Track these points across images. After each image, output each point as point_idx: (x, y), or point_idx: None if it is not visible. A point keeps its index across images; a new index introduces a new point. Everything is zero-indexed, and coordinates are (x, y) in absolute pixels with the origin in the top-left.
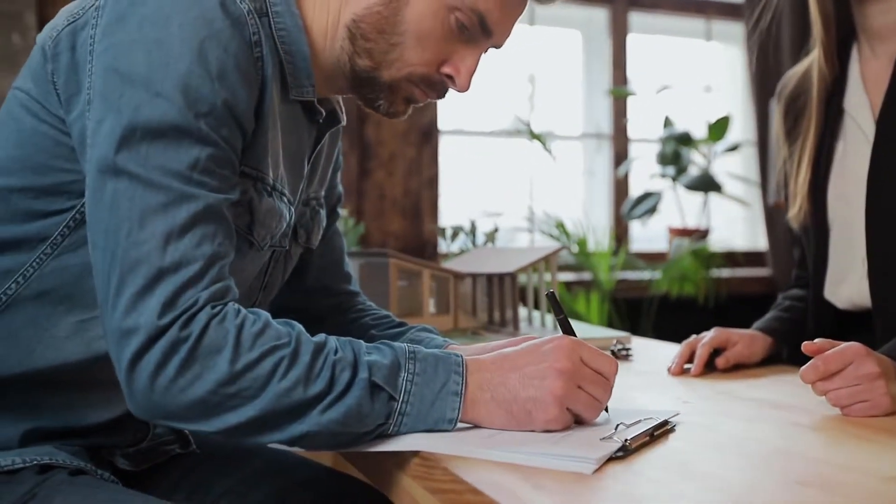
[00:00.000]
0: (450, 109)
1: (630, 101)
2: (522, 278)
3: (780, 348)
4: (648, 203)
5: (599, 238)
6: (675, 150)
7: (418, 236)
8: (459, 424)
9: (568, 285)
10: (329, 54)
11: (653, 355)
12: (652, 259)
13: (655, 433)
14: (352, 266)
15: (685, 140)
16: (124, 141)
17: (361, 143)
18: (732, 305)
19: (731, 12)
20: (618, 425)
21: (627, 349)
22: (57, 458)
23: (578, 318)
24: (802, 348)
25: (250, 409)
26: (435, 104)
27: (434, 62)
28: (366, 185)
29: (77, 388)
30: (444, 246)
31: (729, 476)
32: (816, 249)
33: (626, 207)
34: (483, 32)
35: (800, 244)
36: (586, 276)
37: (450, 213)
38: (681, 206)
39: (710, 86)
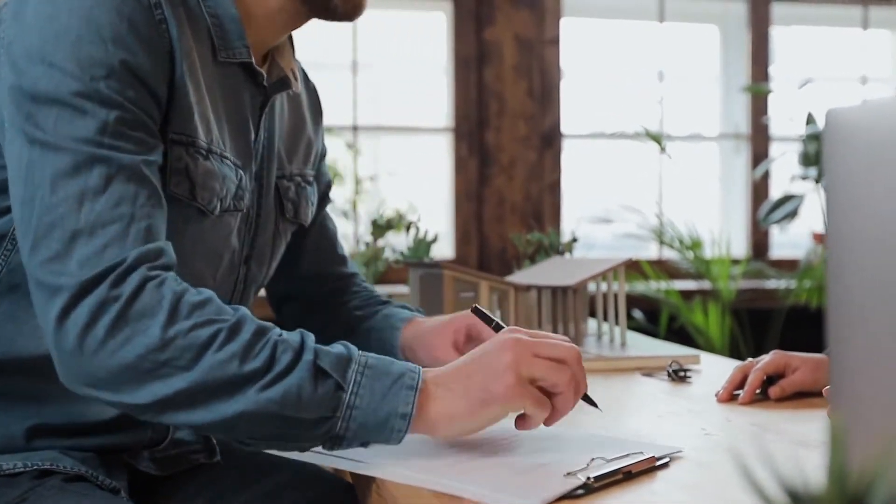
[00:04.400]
0: (576, 112)
1: (772, 98)
2: (593, 288)
3: None
4: (788, 207)
5: (723, 243)
6: (819, 148)
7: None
8: (432, 446)
9: (686, 294)
10: (264, 7)
11: (720, 378)
12: (788, 267)
13: (634, 472)
14: (413, 276)
15: None
16: (30, 116)
17: (481, 148)
18: None
19: None
20: (593, 459)
21: (685, 371)
22: (60, 463)
23: (696, 330)
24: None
25: (180, 381)
26: (558, 108)
27: None
28: (485, 191)
29: None
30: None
31: None
32: None
33: (763, 211)
34: None
35: None
36: (708, 285)
37: (573, 218)
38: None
39: (867, 77)
